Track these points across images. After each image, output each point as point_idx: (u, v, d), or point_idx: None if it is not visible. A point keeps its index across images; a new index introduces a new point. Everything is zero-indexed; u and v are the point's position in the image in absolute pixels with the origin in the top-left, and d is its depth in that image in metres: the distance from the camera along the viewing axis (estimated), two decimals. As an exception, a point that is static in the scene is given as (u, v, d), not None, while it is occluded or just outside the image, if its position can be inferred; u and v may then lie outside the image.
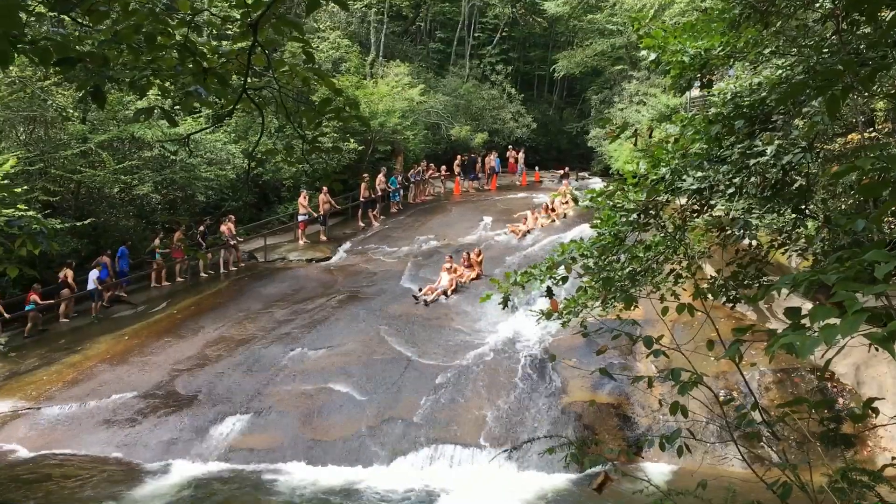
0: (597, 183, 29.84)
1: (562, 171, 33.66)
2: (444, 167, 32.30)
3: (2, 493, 10.15)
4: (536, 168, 36.49)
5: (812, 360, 12.14)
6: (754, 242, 7.32)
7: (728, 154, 5.96)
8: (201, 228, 21.77)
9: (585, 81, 42.55)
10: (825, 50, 5.87)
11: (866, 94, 6.70)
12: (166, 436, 12.62)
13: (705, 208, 6.71)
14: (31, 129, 20.02)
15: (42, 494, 10.58)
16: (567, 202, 25.05)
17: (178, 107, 4.29)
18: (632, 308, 5.51)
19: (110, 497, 10.54)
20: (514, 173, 35.61)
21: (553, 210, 24.76)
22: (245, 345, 15.99)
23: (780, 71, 6.35)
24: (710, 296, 5.10)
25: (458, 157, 32.77)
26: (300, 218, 24.21)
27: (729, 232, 6.90)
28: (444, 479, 11.23)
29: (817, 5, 5.92)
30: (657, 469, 10.73)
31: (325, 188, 24.66)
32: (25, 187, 16.35)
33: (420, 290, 18.34)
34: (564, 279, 6.21)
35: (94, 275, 18.73)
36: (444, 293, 18.22)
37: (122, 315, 18.93)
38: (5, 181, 14.01)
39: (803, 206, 6.30)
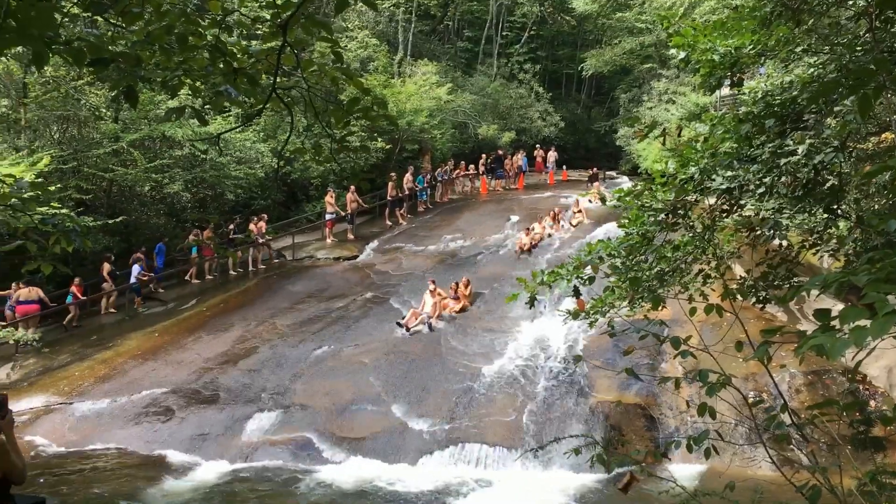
0: (625, 182, 29.61)
1: (590, 172, 33.36)
2: (472, 166, 32.30)
3: (33, 488, 10.31)
4: (564, 167, 36.35)
5: (843, 363, 11.97)
6: (785, 243, 7.23)
7: (758, 153, 5.89)
8: (231, 227, 22.03)
9: (614, 80, 42.32)
10: (858, 48, 5.79)
11: (900, 92, 6.60)
12: (195, 432, 12.76)
13: (735, 208, 6.64)
14: (65, 128, 20.36)
15: (73, 489, 10.74)
16: (579, 210, 24.15)
17: (208, 106, 4.34)
18: (659, 308, 5.47)
19: (140, 493, 10.67)
20: (542, 172, 35.50)
21: (558, 220, 23.59)
22: (273, 342, 16.12)
23: (811, 69, 6.27)
24: (739, 296, 5.05)
25: (484, 155, 32.71)
26: (328, 216, 24.33)
27: (759, 232, 6.83)
28: (471, 477, 11.23)
29: (850, 3, 5.84)
30: (685, 471, 10.62)
31: (352, 187, 24.79)
32: (59, 185, 16.67)
33: (403, 317, 16.71)
34: (591, 279, 6.18)
35: (136, 270, 19.08)
36: (429, 321, 16.47)
37: (152, 312, 19.18)
38: (39, 179, 14.22)
39: (835, 206, 6.21)
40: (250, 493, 10.82)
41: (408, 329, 16.18)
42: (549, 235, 22.46)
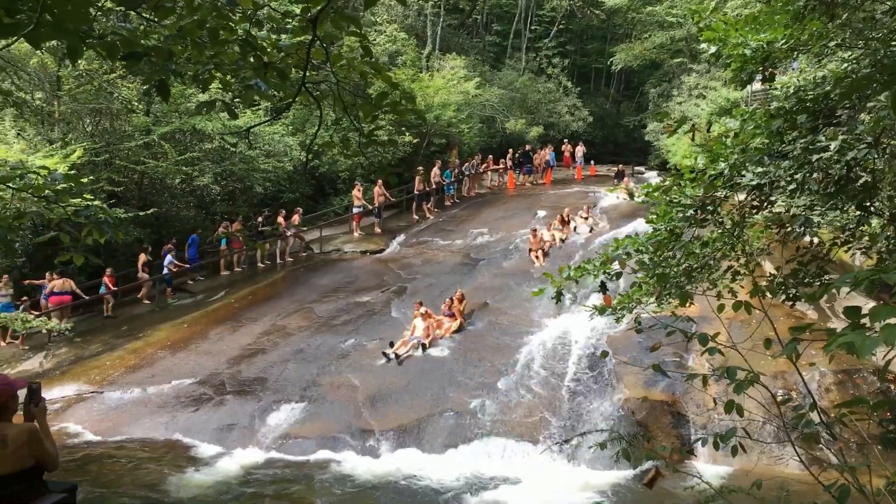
0: (653, 178, 29.30)
1: (616, 170, 33.00)
2: (501, 160, 32.23)
3: (65, 474, 10.49)
4: (592, 162, 36.15)
5: (874, 362, 11.80)
6: (816, 240, 7.15)
7: (790, 149, 5.82)
8: (260, 219, 22.24)
9: (643, 74, 41.93)
10: (893, 43, 5.70)
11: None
12: (223, 422, 12.90)
13: (765, 204, 6.57)
14: (98, 121, 20.65)
15: (103, 477, 10.90)
16: (587, 217, 22.88)
17: (238, 100, 4.39)
18: (687, 305, 5.43)
19: (168, 481, 10.81)
20: (569, 167, 35.34)
21: (567, 223, 22.05)
22: (300, 334, 16.24)
23: (845, 64, 6.18)
24: (768, 294, 5.00)
25: (511, 150, 32.65)
26: (355, 210, 24.44)
27: (789, 229, 6.75)
28: (496, 471, 11.23)
29: (886, -4, 5.74)
30: (711, 470, 10.55)
31: (380, 181, 24.83)
32: (91, 177, 16.89)
33: (392, 344, 15.00)
34: (618, 274, 6.16)
35: (168, 260, 19.35)
36: (422, 346, 14.91)
37: (182, 303, 19.42)
38: (72, 171, 14.44)
39: (868, 203, 6.13)
40: (275, 483, 10.92)
41: (397, 357, 14.53)
42: (563, 241, 21.12)
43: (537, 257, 19.73)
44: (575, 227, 22.41)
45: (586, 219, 22.81)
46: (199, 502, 10.12)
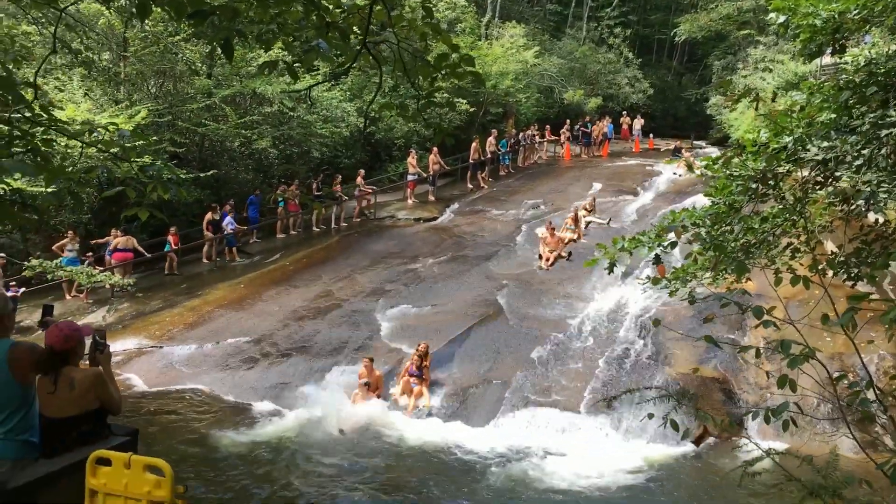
0: (713, 153, 28.64)
1: (673, 146, 32.23)
2: (562, 132, 31.89)
3: (126, 421, 10.86)
4: (651, 135, 35.54)
5: (938, 347, 11.47)
6: (881, 218, 6.95)
7: (858, 124, 5.66)
8: (316, 183, 22.55)
9: (708, 46, 40.91)
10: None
11: None
12: (275, 381, 13.19)
13: (829, 180, 6.41)
14: (161, 83, 21.03)
15: (158, 428, 11.26)
16: (591, 210, 20.82)
17: (298, 64, 4.45)
18: (743, 280, 5.35)
19: (220, 436, 11.09)
20: (627, 140, 34.85)
21: (579, 222, 19.46)
22: (352, 298, 16.45)
23: (922, 36, 5.97)
24: (829, 271, 4.90)
25: (568, 121, 32.28)
26: (409, 177, 24.53)
27: (854, 206, 6.57)
28: (541, 442, 11.26)
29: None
30: (761, 445, 10.42)
31: (434, 149, 24.84)
32: (155, 138, 17.27)
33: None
34: (673, 244, 6.08)
35: (227, 221, 19.74)
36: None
37: (238, 264, 19.83)
38: (137, 131, 14.78)
39: (938, 182, 5.93)
40: (322, 443, 11.12)
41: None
42: (574, 241, 18.76)
43: (547, 259, 17.74)
44: (588, 224, 20.14)
45: (590, 211, 20.88)
46: (250, 459, 10.38)
